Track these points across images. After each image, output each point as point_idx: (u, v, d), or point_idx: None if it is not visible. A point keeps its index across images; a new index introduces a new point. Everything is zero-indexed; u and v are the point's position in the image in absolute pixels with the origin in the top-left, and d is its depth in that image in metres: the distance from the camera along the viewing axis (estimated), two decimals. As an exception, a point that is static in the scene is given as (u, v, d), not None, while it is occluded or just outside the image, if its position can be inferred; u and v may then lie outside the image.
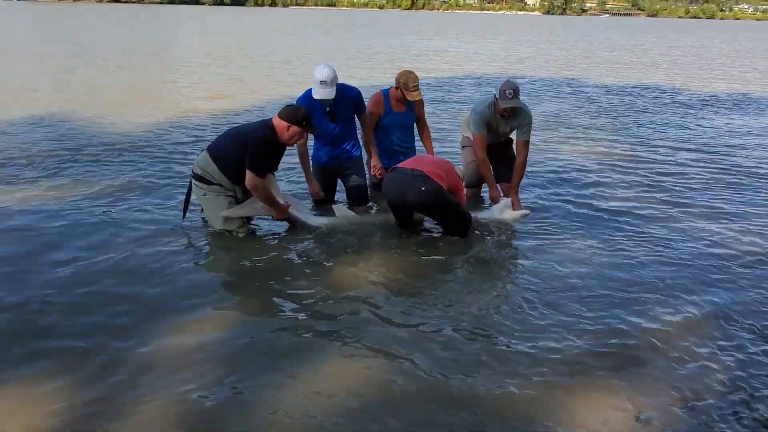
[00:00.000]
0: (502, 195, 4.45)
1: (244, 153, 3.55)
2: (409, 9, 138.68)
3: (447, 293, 3.22)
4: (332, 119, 4.09)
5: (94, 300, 2.96)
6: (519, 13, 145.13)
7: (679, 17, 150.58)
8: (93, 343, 2.59)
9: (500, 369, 2.49)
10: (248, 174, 3.55)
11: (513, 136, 4.61)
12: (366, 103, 4.27)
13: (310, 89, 3.98)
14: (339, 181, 4.49)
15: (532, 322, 2.87)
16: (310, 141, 4.30)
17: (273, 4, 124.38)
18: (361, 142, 4.40)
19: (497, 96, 4.15)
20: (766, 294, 3.24)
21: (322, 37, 28.68)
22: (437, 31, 39.06)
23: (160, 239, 3.72)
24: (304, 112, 3.65)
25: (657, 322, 2.89)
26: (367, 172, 4.50)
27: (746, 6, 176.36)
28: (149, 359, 2.49)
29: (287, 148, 3.81)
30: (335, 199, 4.54)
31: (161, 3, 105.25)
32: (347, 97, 4.08)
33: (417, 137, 4.66)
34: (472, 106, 4.54)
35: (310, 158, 4.33)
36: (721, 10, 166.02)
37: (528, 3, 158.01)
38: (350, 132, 4.26)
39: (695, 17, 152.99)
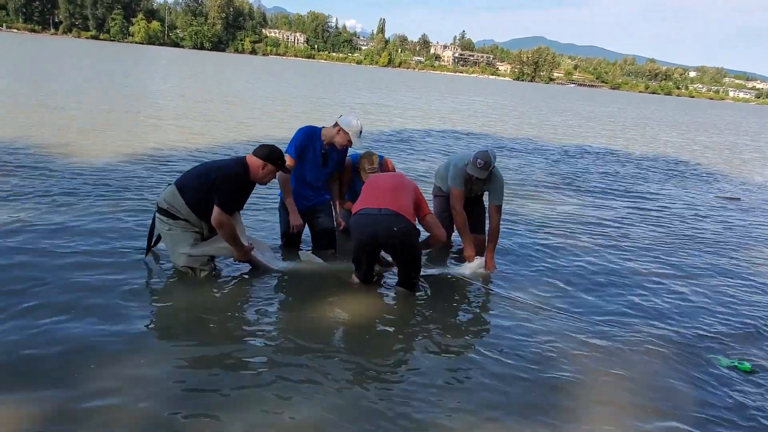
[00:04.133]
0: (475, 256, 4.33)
1: (213, 188, 3.50)
2: (385, 66, 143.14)
3: (409, 340, 3.17)
4: (323, 162, 4.17)
5: (42, 334, 2.82)
6: (490, 77, 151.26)
7: (640, 92, 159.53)
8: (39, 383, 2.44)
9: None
10: (215, 210, 3.48)
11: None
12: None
13: (307, 126, 4.18)
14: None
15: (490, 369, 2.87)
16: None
17: (253, 52, 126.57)
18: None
19: (471, 160, 4.22)
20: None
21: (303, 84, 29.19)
22: (412, 87, 40.29)
23: (117, 275, 3.58)
24: (280, 153, 3.67)
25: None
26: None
27: (700, 86, 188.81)
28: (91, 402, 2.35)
29: (255, 187, 3.79)
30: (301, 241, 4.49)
31: (141, 43, 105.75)
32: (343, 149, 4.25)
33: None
34: (451, 159, 4.55)
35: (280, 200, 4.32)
36: (677, 88, 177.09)
37: (499, 69, 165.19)
38: (327, 182, 4.38)
39: (654, 92, 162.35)
